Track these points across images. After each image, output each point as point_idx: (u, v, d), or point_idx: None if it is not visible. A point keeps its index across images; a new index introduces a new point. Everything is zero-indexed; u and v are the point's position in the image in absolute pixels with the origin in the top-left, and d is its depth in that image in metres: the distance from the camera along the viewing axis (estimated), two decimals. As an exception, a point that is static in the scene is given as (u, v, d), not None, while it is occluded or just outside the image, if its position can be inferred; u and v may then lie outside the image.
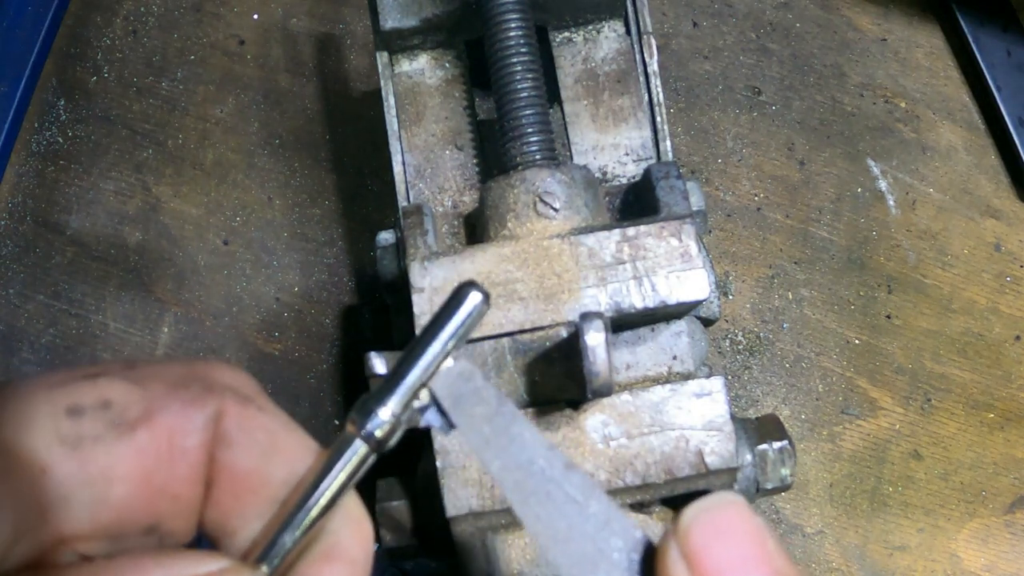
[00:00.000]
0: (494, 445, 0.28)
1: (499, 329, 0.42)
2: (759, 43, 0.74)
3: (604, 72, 0.56)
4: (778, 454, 0.44)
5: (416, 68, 0.57)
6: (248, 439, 0.29)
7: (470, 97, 0.57)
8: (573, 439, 0.41)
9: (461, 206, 0.53)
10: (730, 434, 0.41)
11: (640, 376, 0.44)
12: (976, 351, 0.70)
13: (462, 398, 0.29)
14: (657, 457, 0.41)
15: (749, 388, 0.69)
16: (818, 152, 0.73)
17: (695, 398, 0.41)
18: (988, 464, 0.69)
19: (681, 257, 0.42)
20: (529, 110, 0.48)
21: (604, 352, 0.37)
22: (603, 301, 0.42)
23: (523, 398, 0.42)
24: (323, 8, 0.77)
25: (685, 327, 0.45)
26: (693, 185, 0.48)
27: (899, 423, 0.69)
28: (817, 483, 0.68)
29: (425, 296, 0.42)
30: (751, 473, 0.43)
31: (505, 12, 0.49)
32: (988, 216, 0.73)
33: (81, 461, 0.26)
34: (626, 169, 0.54)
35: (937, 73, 0.75)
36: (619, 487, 0.41)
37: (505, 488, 0.28)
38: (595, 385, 0.37)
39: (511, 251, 0.43)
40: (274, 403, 0.30)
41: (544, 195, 0.44)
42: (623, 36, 0.57)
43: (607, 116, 0.55)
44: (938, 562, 0.68)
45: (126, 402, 0.27)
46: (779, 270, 0.71)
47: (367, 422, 0.28)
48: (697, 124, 0.72)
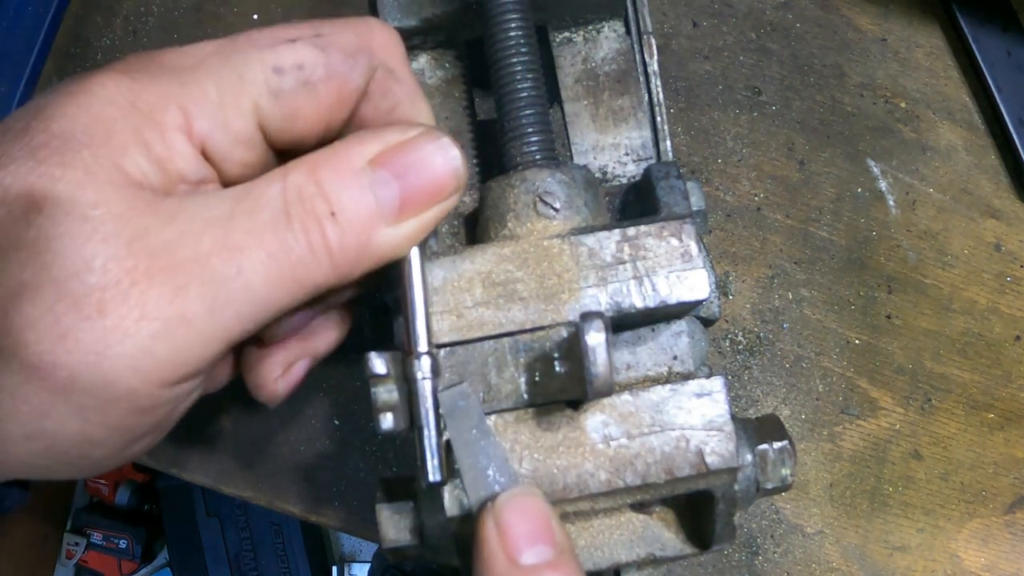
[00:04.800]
0: (468, 449, 0.39)
1: (499, 329, 0.42)
2: (759, 43, 0.74)
3: (604, 72, 0.56)
4: (779, 454, 0.43)
5: (416, 68, 0.57)
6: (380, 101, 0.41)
7: (470, 97, 0.57)
8: (573, 439, 0.41)
9: (461, 206, 0.53)
10: (730, 434, 0.41)
11: (640, 376, 0.44)
12: (976, 351, 0.70)
13: (456, 410, 0.40)
14: (657, 457, 0.41)
15: (749, 388, 0.69)
16: (818, 152, 0.73)
17: (695, 398, 0.41)
18: (988, 464, 0.69)
19: (681, 257, 0.42)
20: (529, 110, 0.48)
21: (604, 352, 0.37)
22: (603, 301, 0.42)
23: (523, 398, 0.42)
24: (324, 8, 0.77)
25: (685, 327, 0.45)
26: (693, 185, 0.48)
27: (899, 423, 0.69)
28: (817, 483, 0.68)
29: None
30: (751, 473, 0.43)
31: (505, 12, 0.49)
32: (988, 216, 0.73)
33: (279, 105, 0.38)
34: (626, 169, 0.54)
35: (937, 73, 0.75)
36: (619, 487, 0.41)
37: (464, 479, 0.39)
38: (596, 385, 0.37)
39: (511, 251, 0.43)
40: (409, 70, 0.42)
41: (544, 195, 0.44)
42: (623, 36, 0.57)
43: (607, 116, 0.55)
44: (938, 562, 0.68)
45: (314, 65, 0.39)
46: (779, 270, 0.71)
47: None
48: (697, 124, 0.72)
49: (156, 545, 1.81)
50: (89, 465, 0.37)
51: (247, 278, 0.35)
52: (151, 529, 1.78)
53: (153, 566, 1.81)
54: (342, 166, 0.37)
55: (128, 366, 0.34)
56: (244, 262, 0.35)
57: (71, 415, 0.34)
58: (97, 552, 1.77)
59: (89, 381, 0.33)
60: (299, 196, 0.36)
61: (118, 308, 0.33)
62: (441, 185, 0.39)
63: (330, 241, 0.36)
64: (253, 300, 0.35)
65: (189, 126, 0.37)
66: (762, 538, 0.68)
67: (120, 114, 0.36)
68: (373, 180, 0.37)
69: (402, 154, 0.38)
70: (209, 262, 0.34)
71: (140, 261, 0.34)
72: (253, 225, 0.35)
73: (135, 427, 0.36)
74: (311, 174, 0.37)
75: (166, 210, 0.35)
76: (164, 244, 0.34)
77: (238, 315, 0.35)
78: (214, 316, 0.35)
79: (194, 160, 0.38)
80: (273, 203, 0.36)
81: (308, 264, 0.36)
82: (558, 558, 0.37)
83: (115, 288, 0.33)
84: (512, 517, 0.37)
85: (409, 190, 0.38)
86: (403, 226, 0.38)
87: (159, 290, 0.34)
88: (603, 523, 0.45)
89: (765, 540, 0.67)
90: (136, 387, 0.34)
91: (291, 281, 0.36)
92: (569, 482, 0.40)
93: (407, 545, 0.43)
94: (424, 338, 0.40)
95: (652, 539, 0.45)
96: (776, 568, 0.67)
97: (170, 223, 0.35)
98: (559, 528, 0.38)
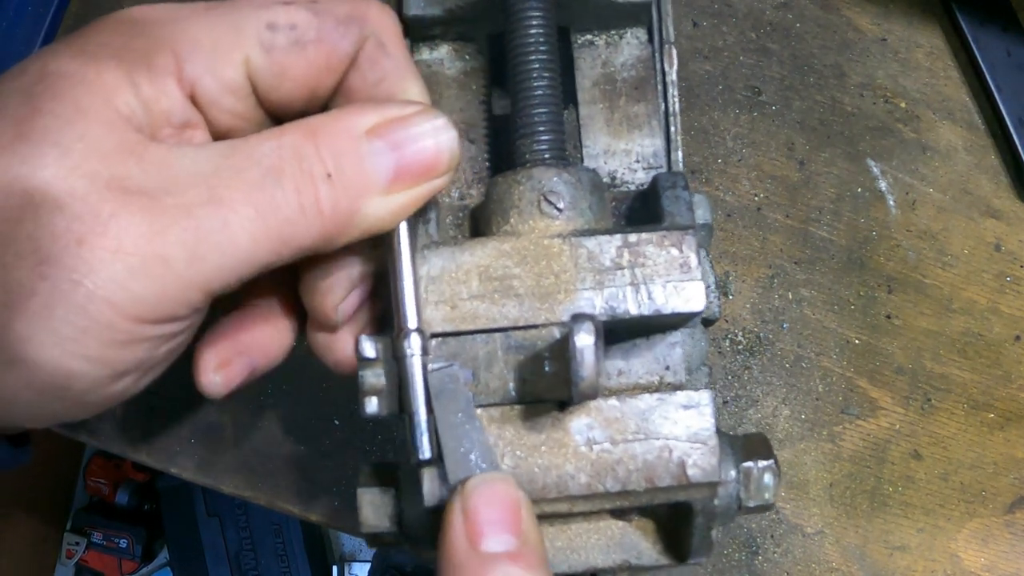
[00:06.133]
0: (452, 431, 0.39)
1: (492, 324, 0.42)
2: (759, 43, 0.74)
3: (623, 78, 0.56)
4: (762, 473, 0.43)
5: (436, 57, 0.57)
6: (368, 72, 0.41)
7: (488, 91, 0.57)
8: (557, 439, 0.41)
9: (468, 199, 0.53)
10: (714, 448, 0.41)
11: (631, 383, 0.44)
12: (976, 351, 0.71)
13: (444, 392, 0.40)
14: (639, 465, 0.40)
15: (749, 388, 0.69)
16: (818, 152, 0.73)
17: (682, 409, 0.41)
18: (988, 464, 0.69)
19: (680, 268, 0.42)
20: (542, 108, 0.48)
21: (592, 355, 0.37)
22: (598, 304, 0.42)
23: (511, 395, 0.42)
24: None
25: (680, 338, 0.45)
26: (702, 198, 0.48)
27: (899, 423, 0.69)
28: (817, 483, 0.68)
29: (421, 284, 0.42)
30: (734, 490, 0.43)
31: (527, 9, 0.48)
32: (988, 216, 0.73)
33: (270, 61, 0.39)
34: (636, 176, 0.54)
35: (937, 73, 0.75)
36: (599, 491, 0.40)
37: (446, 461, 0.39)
38: (581, 387, 0.37)
39: (511, 247, 0.43)
40: (403, 48, 0.43)
41: (549, 194, 0.44)
42: (645, 44, 0.56)
43: (621, 122, 0.55)
44: (938, 562, 0.68)
45: (307, 26, 0.39)
46: (779, 270, 0.71)
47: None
48: (697, 124, 0.72)
49: (156, 545, 1.81)
50: (74, 399, 0.38)
51: (232, 231, 0.35)
52: (151, 529, 1.78)
53: (153, 566, 1.82)
54: (342, 131, 0.38)
55: (103, 297, 0.34)
56: (230, 216, 0.35)
57: (49, 343, 0.35)
58: (97, 552, 1.77)
59: (64, 308, 0.34)
60: (295, 156, 0.37)
61: (96, 240, 0.34)
62: (434, 162, 0.40)
63: (322, 203, 0.37)
64: (236, 254, 0.36)
65: (180, 69, 0.38)
66: (762, 538, 0.68)
67: (112, 54, 0.37)
68: (370, 149, 0.38)
69: (399, 128, 0.39)
70: (193, 211, 0.35)
71: (121, 198, 0.34)
72: (242, 181, 0.36)
73: (114, 361, 0.37)
74: (310, 136, 0.37)
75: (153, 157, 0.36)
76: (147, 188, 0.35)
77: (219, 267, 0.36)
78: (193, 263, 0.35)
79: (181, 102, 0.38)
80: (265, 161, 0.36)
81: (296, 224, 0.37)
82: (520, 550, 0.36)
83: (94, 220, 0.34)
84: (480, 502, 0.37)
85: (403, 164, 0.39)
86: (393, 198, 0.39)
87: (139, 228, 0.34)
88: (581, 527, 0.45)
89: (765, 540, 0.68)
90: (112, 319, 0.35)
91: (277, 240, 0.37)
92: (549, 482, 0.40)
93: (386, 531, 0.43)
94: (413, 315, 0.40)
95: (629, 546, 0.45)
96: (776, 568, 0.67)
97: (156, 171, 0.35)
98: (529, 519, 0.38)
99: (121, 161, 0.35)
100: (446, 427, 0.39)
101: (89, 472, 1.79)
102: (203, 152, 0.37)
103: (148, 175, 0.35)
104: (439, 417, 0.40)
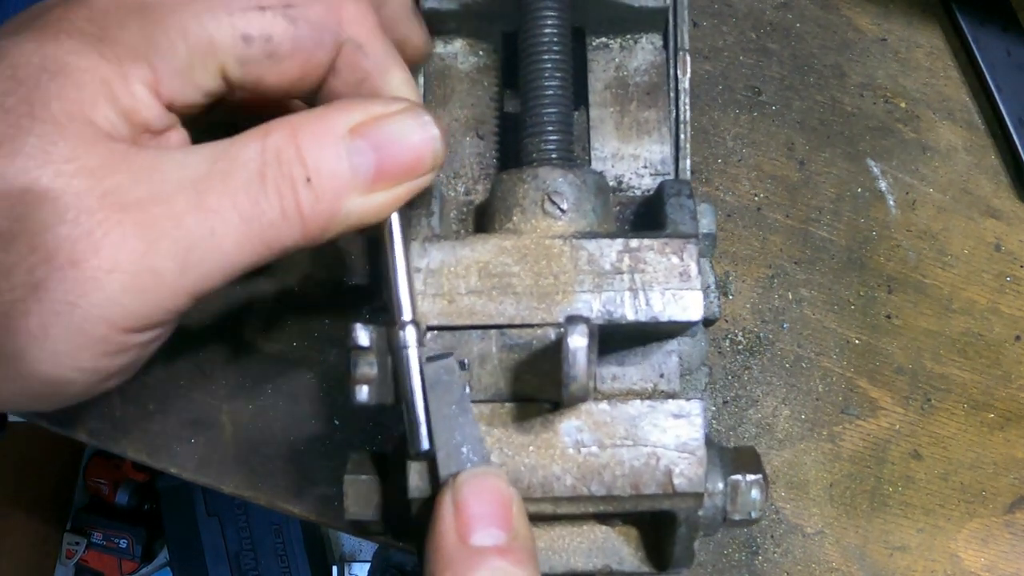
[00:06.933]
0: (445, 423, 0.40)
1: (489, 320, 0.42)
2: (759, 43, 0.74)
3: (635, 82, 0.56)
4: (750, 487, 0.43)
5: (450, 52, 0.57)
6: (348, 75, 0.42)
7: (499, 89, 0.56)
8: (545, 440, 0.41)
9: (473, 194, 0.53)
10: (701, 459, 0.41)
11: (624, 389, 0.44)
12: (976, 351, 0.71)
13: (439, 383, 0.40)
14: (626, 471, 0.40)
15: (749, 388, 0.69)
16: (818, 152, 0.73)
17: (672, 418, 0.41)
18: (988, 464, 0.69)
19: (680, 276, 0.42)
20: (552, 108, 0.48)
21: (584, 357, 0.37)
22: (595, 307, 0.42)
23: (503, 392, 0.42)
24: None
25: (677, 346, 0.45)
26: (707, 207, 0.48)
27: (899, 423, 0.69)
28: (817, 483, 0.68)
29: (420, 276, 0.42)
30: (721, 502, 0.43)
31: (543, 7, 0.48)
32: (988, 216, 0.73)
33: (244, 72, 0.39)
34: (642, 182, 0.54)
35: (937, 73, 0.75)
36: (584, 494, 0.40)
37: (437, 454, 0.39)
38: (572, 389, 0.37)
39: (512, 245, 0.43)
40: (382, 46, 0.42)
41: (553, 194, 0.44)
42: (659, 50, 0.56)
43: (631, 126, 0.55)
44: (938, 562, 0.68)
45: (281, 38, 0.39)
46: (779, 270, 0.71)
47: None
48: (697, 124, 0.72)
49: (156, 545, 1.81)
50: (63, 401, 0.39)
51: (218, 240, 0.36)
52: (151, 529, 1.78)
53: (153, 566, 1.82)
54: (323, 131, 0.38)
55: (99, 316, 0.35)
56: (217, 224, 0.36)
57: (43, 360, 0.35)
58: (97, 552, 1.78)
59: (61, 329, 0.35)
60: (277, 159, 0.37)
61: (90, 260, 0.34)
62: (417, 161, 0.40)
63: (303, 206, 0.37)
64: (223, 260, 0.37)
65: (156, 82, 0.38)
66: (762, 538, 0.68)
67: (88, 65, 0.36)
68: (351, 149, 0.38)
69: (382, 126, 0.39)
70: (183, 221, 0.35)
71: (113, 214, 0.35)
72: (228, 187, 0.36)
73: (106, 368, 0.38)
74: (292, 137, 0.37)
75: (140, 165, 0.36)
76: (137, 200, 0.35)
77: (207, 274, 0.37)
78: (184, 273, 0.36)
79: (158, 111, 0.38)
80: (250, 165, 0.37)
81: (279, 228, 0.37)
82: (510, 544, 0.36)
83: (87, 240, 0.34)
84: (470, 495, 0.37)
85: (384, 163, 0.39)
86: (374, 197, 0.39)
87: (132, 243, 0.35)
88: (565, 529, 0.45)
89: (765, 540, 0.68)
90: (106, 334, 0.36)
91: (260, 244, 0.37)
92: (534, 482, 0.40)
93: (369, 520, 0.43)
94: (408, 307, 0.41)
95: (611, 551, 0.45)
96: (776, 568, 0.67)
97: (144, 179, 0.36)
98: (519, 515, 0.38)
99: (111, 173, 0.35)
100: (439, 419, 0.40)
101: (89, 472, 1.79)
102: (189, 157, 0.37)
103: (139, 183, 0.35)
104: (432, 409, 0.40)
